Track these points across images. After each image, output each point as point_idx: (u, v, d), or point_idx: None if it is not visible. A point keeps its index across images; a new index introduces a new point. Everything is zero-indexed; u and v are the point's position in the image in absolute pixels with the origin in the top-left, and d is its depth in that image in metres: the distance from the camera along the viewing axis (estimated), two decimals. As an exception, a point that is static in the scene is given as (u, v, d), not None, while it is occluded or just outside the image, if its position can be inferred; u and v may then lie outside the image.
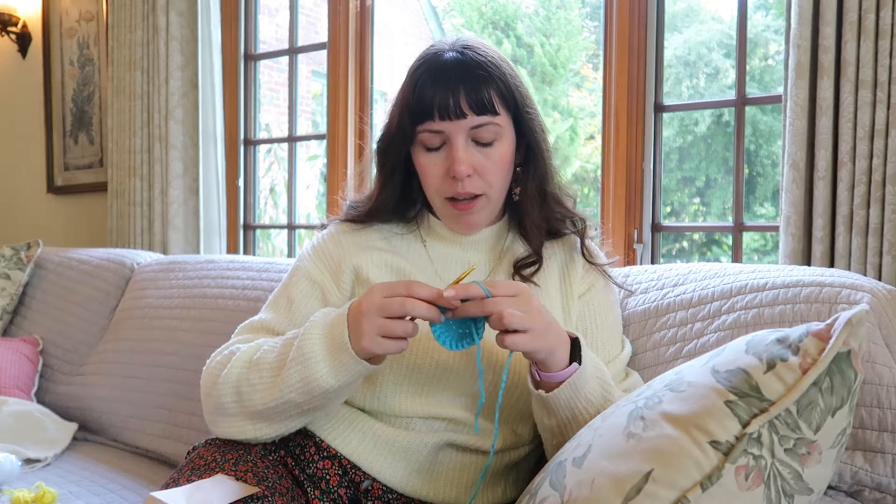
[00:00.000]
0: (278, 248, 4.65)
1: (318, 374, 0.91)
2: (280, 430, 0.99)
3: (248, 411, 0.98)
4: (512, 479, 1.11)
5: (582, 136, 6.61)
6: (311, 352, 0.91)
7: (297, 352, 0.92)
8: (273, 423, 0.98)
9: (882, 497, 0.97)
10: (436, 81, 1.00)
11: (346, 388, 0.94)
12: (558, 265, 1.13)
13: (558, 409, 0.93)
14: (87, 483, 1.57)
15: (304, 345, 0.92)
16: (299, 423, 1.00)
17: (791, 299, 1.06)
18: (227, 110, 2.57)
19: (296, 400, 0.93)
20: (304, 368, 0.91)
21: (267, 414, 0.97)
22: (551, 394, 0.92)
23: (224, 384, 0.99)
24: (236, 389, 0.97)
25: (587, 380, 0.93)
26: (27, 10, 3.16)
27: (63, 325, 2.16)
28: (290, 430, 1.01)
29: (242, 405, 0.98)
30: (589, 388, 0.94)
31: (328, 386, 0.91)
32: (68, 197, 3.10)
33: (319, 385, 0.91)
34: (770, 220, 2.41)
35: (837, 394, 0.69)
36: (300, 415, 0.97)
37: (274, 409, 0.95)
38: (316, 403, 0.95)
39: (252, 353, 0.99)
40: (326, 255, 1.12)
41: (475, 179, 1.03)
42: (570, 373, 0.91)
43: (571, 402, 0.92)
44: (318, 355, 0.91)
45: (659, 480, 0.68)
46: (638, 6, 1.80)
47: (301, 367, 0.92)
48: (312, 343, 0.92)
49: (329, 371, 0.91)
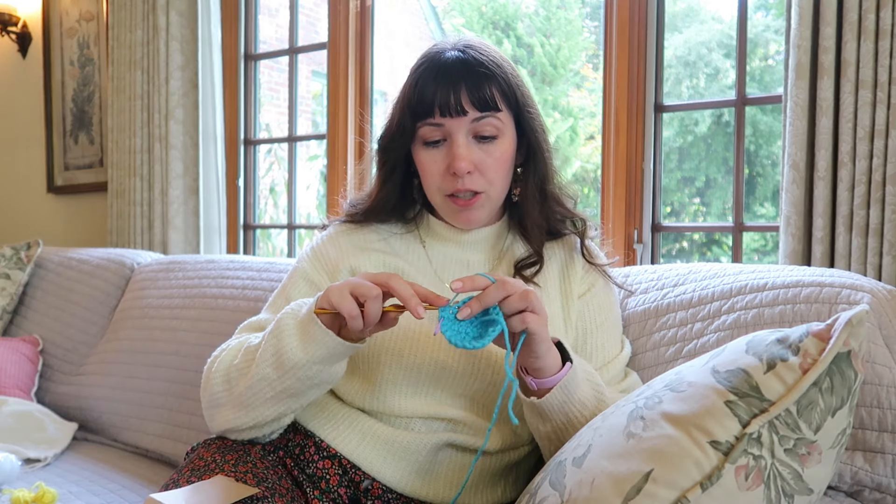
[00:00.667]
0: (278, 248, 4.66)
1: (288, 345, 0.91)
2: (256, 417, 0.98)
3: (233, 397, 0.99)
4: (512, 480, 1.11)
5: (582, 136, 6.61)
6: (284, 325, 0.93)
7: (273, 327, 0.94)
8: (248, 409, 0.97)
9: (882, 497, 0.97)
10: (437, 79, 1.00)
11: (319, 367, 0.92)
12: (558, 265, 1.13)
13: (552, 414, 0.93)
14: (87, 483, 1.57)
15: (280, 320, 0.94)
16: (274, 410, 0.97)
17: (791, 299, 1.06)
18: (227, 110, 2.57)
19: (269, 375, 0.93)
20: (277, 342, 0.93)
21: (244, 397, 0.97)
22: (544, 399, 0.92)
23: (216, 374, 1.01)
24: (226, 377, 1.00)
25: (578, 382, 0.93)
26: (27, 10, 3.17)
27: (63, 325, 2.16)
28: (265, 418, 0.98)
29: (230, 392, 0.99)
30: (581, 391, 0.94)
31: (297, 359, 0.91)
32: (68, 197, 3.10)
33: (290, 357, 0.91)
34: (770, 220, 2.41)
35: (837, 394, 0.69)
36: (274, 398, 0.95)
37: (250, 388, 0.96)
38: (288, 383, 0.93)
39: (243, 343, 1.02)
40: (324, 257, 1.13)
41: (475, 176, 1.03)
42: (563, 375, 0.92)
43: (565, 406, 0.93)
44: (290, 328, 0.92)
45: (659, 480, 0.68)
46: (638, 6, 1.80)
47: (275, 339, 0.93)
48: (287, 318, 0.93)
49: (298, 343, 0.91)
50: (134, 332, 1.95)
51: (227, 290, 1.82)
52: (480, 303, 0.86)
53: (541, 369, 0.91)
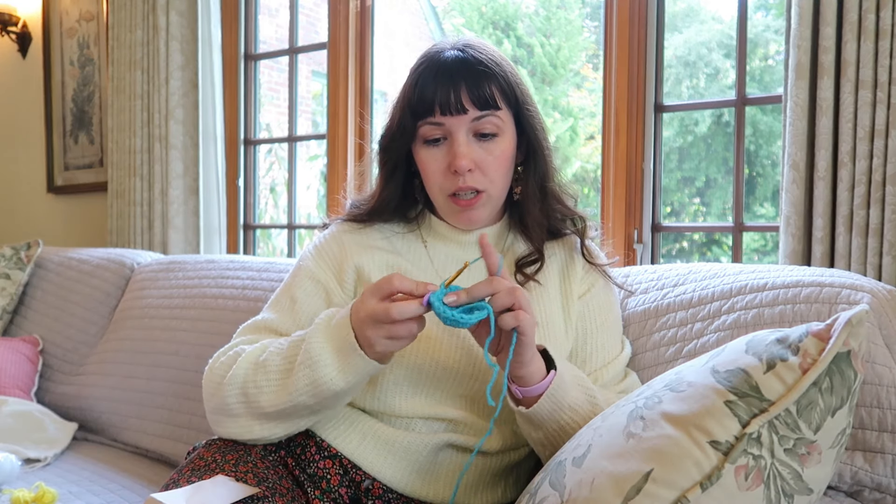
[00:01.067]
0: (278, 248, 4.66)
1: (326, 376, 0.91)
2: (290, 429, 1.00)
3: (255, 412, 0.98)
4: (512, 480, 1.11)
5: (582, 136, 6.61)
6: (318, 355, 0.92)
7: (305, 355, 0.93)
8: (283, 423, 0.99)
9: (882, 497, 0.97)
10: (437, 78, 1.01)
11: (355, 387, 0.96)
12: (558, 265, 1.13)
13: (543, 421, 0.93)
14: (87, 483, 1.57)
15: (311, 348, 0.92)
16: (309, 422, 1.01)
17: (791, 299, 1.06)
18: (227, 110, 2.57)
19: (306, 402, 0.95)
20: (312, 372, 0.92)
21: (275, 415, 0.97)
22: (533, 408, 0.92)
23: (229, 385, 0.99)
24: (242, 391, 0.98)
25: (567, 389, 0.93)
26: (27, 10, 3.17)
27: (63, 325, 2.16)
28: (300, 429, 1.02)
29: (249, 406, 0.98)
30: (571, 397, 0.93)
31: (337, 388, 0.92)
32: (68, 197, 3.10)
33: (329, 388, 0.92)
34: (770, 220, 2.42)
35: (837, 394, 0.69)
36: (310, 414, 0.98)
37: (283, 411, 0.96)
38: (326, 404, 0.96)
39: (258, 355, 0.99)
40: (329, 255, 1.12)
41: (476, 174, 1.04)
42: (548, 382, 0.91)
43: (555, 413, 0.93)
44: (325, 358, 0.91)
45: (659, 480, 0.68)
46: (638, 6, 1.80)
47: (309, 370, 0.92)
48: (319, 346, 0.92)
49: (337, 373, 0.91)
50: (134, 332, 1.95)
51: (227, 290, 1.82)
52: (469, 294, 0.86)
53: (524, 377, 0.91)
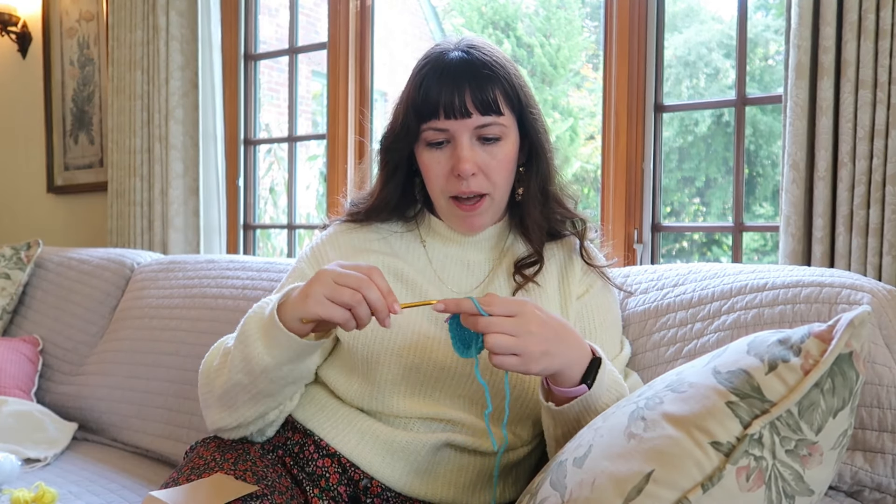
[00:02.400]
0: (278, 248, 4.66)
1: (254, 351, 0.93)
2: (238, 417, 1.00)
3: (215, 398, 1.01)
4: (511, 480, 1.11)
5: (582, 136, 6.61)
6: (249, 330, 0.94)
7: (240, 331, 0.95)
8: (231, 410, 1.00)
9: (882, 497, 0.97)
10: (441, 80, 1.00)
11: (290, 367, 0.94)
12: (557, 266, 1.13)
13: (566, 422, 0.92)
14: (87, 483, 1.57)
15: (245, 324, 0.95)
16: (254, 410, 1.00)
17: (791, 299, 1.06)
18: (227, 110, 2.57)
19: (242, 381, 0.95)
20: (245, 347, 0.94)
21: (224, 399, 0.99)
22: (561, 408, 0.90)
23: (201, 375, 1.04)
24: (207, 378, 1.02)
25: (600, 395, 0.91)
26: (27, 10, 3.16)
27: (63, 325, 2.16)
28: (247, 419, 1.01)
29: (212, 393, 1.01)
30: (602, 403, 0.91)
31: (265, 363, 0.93)
32: (68, 197, 3.10)
33: (258, 363, 0.93)
34: (770, 220, 2.42)
35: (839, 395, 0.69)
36: (252, 399, 0.98)
37: (227, 392, 0.98)
38: (261, 385, 0.96)
39: (222, 344, 1.03)
40: (323, 257, 1.13)
41: (479, 178, 1.03)
42: (581, 392, 0.90)
43: (581, 416, 0.91)
44: (254, 333, 0.93)
45: (660, 481, 0.68)
46: (638, 6, 1.80)
47: (242, 345, 0.94)
48: (251, 322, 0.94)
49: (263, 348, 0.92)
50: (134, 332, 1.95)
51: (227, 290, 1.82)
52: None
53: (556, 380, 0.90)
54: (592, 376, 0.90)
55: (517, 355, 0.84)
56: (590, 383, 0.90)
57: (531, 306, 0.87)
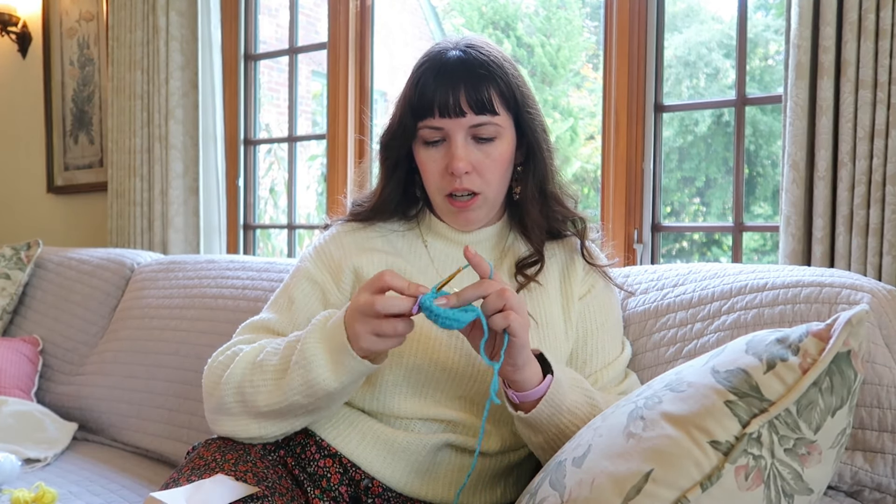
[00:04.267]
0: (278, 248, 4.66)
1: (320, 377, 0.92)
2: (285, 428, 1.01)
3: (251, 412, 0.98)
4: (512, 481, 1.11)
5: (582, 136, 6.61)
6: (312, 355, 0.92)
7: (300, 356, 0.93)
8: (278, 422, 0.99)
9: (882, 497, 0.97)
10: (438, 79, 1.01)
11: (350, 387, 0.96)
12: (559, 266, 1.13)
13: (542, 426, 0.93)
14: (87, 483, 1.57)
15: (306, 349, 0.93)
16: (305, 422, 1.01)
17: (791, 299, 1.06)
18: (227, 110, 2.57)
19: (300, 402, 0.95)
20: (306, 372, 0.92)
21: (271, 415, 0.98)
22: (531, 413, 0.92)
23: (226, 385, 1.00)
24: (239, 390, 0.98)
25: (565, 392, 0.93)
26: (27, 10, 3.16)
27: (63, 325, 2.16)
28: (295, 428, 1.02)
29: (245, 406, 0.98)
30: (569, 401, 0.93)
31: (330, 388, 0.93)
32: (68, 197, 3.10)
33: (322, 388, 0.93)
34: (770, 220, 2.41)
35: (837, 394, 0.69)
36: (305, 414, 0.99)
37: (279, 410, 0.97)
38: (320, 404, 0.96)
39: (255, 355, 1.00)
40: (327, 256, 1.13)
41: (473, 177, 1.04)
42: (546, 387, 0.91)
43: (554, 418, 0.93)
44: (319, 359, 0.92)
45: (659, 480, 0.68)
46: (638, 6, 1.80)
47: (303, 370, 0.93)
48: (313, 347, 0.93)
49: (331, 374, 0.92)
50: (134, 332, 1.95)
51: (227, 290, 1.82)
52: (459, 298, 0.86)
53: (519, 381, 0.91)
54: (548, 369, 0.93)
55: (519, 315, 0.86)
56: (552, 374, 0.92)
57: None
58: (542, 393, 0.91)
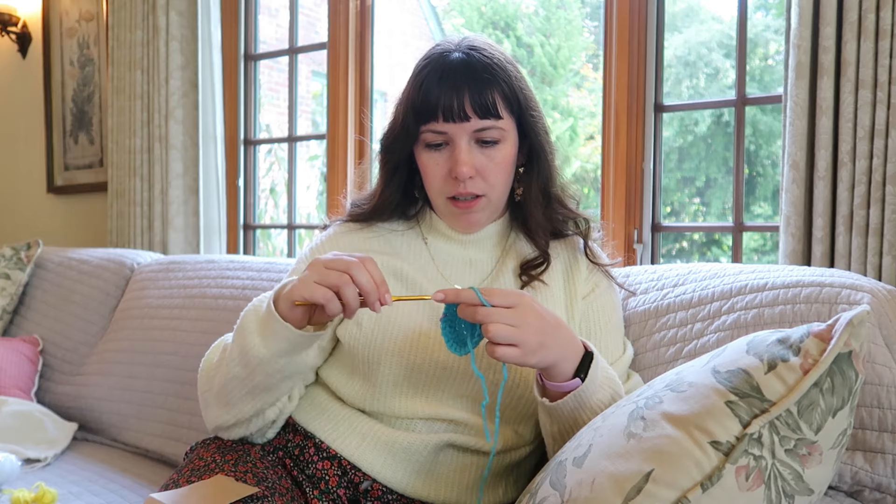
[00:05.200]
0: (278, 248, 4.65)
1: (251, 343, 0.93)
2: (236, 414, 1.00)
3: (214, 396, 1.01)
4: (513, 480, 1.11)
5: (582, 136, 6.61)
6: (246, 323, 0.95)
7: (238, 325, 0.96)
8: (228, 406, 1.00)
9: (882, 497, 0.97)
10: (441, 82, 1.00)
11: (286, 360, 0.94)
12: (562, 266, 1.13)
13: (562, 417, 0.93)
14: (87, 483, 1.57)
15: (243, 318, 0.96)
16: (251, 406, 1.00)
17: (791, 300, 1.06)
18: (227, 110, 2.57)
19: (239, 374, 0.96)
20: (242, 340, 0.94)
21: (222, 395, 0.99)
22: (555, 404, 0.91)
23: (201, 374, 1.04)
24: (206, 376, 1.02)
25: (594, 391, 0.92)
26: (27, 10, 3.16)
27: (63, 325, 2.16)
28: (245, 415, 1.01)
29: (211, 391, 1.01)
30: (596, 399, 0.93)
31: (261, 354, 0.93)
32: (68, 197, 3.10)
33: (254, 354, 0.93)
34: (770, 220, 2.41)
35: (838, 394, 0.69)
36: (249, 394, 0.98)
37: (225, 386, 0.98)
38: (258, 379, 0.96)
39: (222, 342, 1.04)
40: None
41: (477, 180, 1.04)
42: (575, 386, 0.91)
43: (576, 412, 0.92)
44: (251, 325, 0.94)
45: (659, 480, 0.68)
46: (638, 6, 1.79)
47: (240, 338, 0.95)
48: (249, 315, 0.95)
49: (260, 339, 0.93)
50: (134, 332, 1.95)
51: (227, 290, 1.82)
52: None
53: (549, 375, 0.91)
54: (585, 371, 0.91)
55: (516, 346, 0.85)
56: (583, 377, 0.91)
57: (528, 298, 0.88)
58: (571, 389, 0.91)
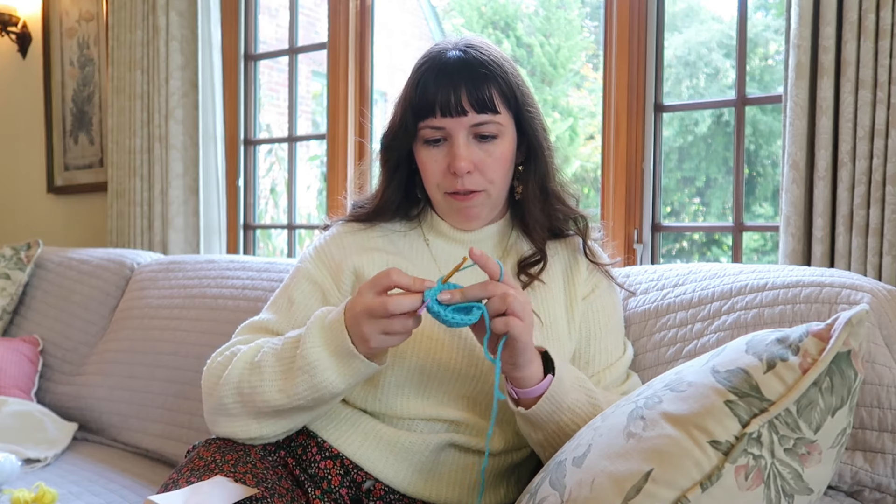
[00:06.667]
0: (278, 248, 4.65)
1: (326, 380, 0.92)
2: (286, 426, 1.01)
3: (251, 412, 0.98)
4: (514, 481, 1.11)
5: (582, 136, 6.61)
6: (316, 360, 0.92)
7: (302, 361, 0.93)
8: (280, 421, 0.99)
9: (882, 497, 0.97)
10: (438, 79, 1.01)
11: (354, 387, 0.97)
12: (562, 266, 1.14)
13: (542, 422, 0.93)
14: (87, 483, 1.57)
15: (309, 354, 0.92)
16: (305, 420, 1.02)
17: (791, 299, 1.06)
18: (227, 110, 2.57)
19: (305, 406, 0.96)
20: (311, 378, 0.92)
21: (273, 414, 0.98)
22: (531, 410, 0.92)
23: (225, 385, 0.99)
24: (237, 391, 0.98)
25: (567, 391, 0.93)
26: (27, 10, 3.16)
27: (63, 325, 2.16)
28: (296, 427, 1.02)
29: (245, 406, 0.98)
30: (570, 399, 0.94)
31: (337, 391, 0.94)
32: (68, 197, 3.10)
33: (329, 391, 0.93)
34: (770, 220, 2.41)
35: (837, 394, 0.69)
36: (307, 413, 0.99)
37: (280, 411, 0.97)
38: (322, 404, 0.98)
39: (253, 355, 1.00)
40: (327, 256, 1.13)
41: (475, 176, 1.04)
42: (546, 385, 0.92)
43: (554, 415, 0.93)
44: (323, 363, 0.92)
45: (659, 480, 0.68)
46: (638, 6, 1.80)
47: (308, 376, 0.93)
48: (317, 351, 0.92)
49: (337, 377, 0.92)
50: (134, 332, 1.95)
51: (227, 290, 1.82)
52: (464, 295, 0.87)
53: (521, 378, 0.92)
54: (551, 368, 0.93)
55: (522, 321, 0.86)
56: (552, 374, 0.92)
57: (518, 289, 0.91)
58: (543, 390, 0.91)
